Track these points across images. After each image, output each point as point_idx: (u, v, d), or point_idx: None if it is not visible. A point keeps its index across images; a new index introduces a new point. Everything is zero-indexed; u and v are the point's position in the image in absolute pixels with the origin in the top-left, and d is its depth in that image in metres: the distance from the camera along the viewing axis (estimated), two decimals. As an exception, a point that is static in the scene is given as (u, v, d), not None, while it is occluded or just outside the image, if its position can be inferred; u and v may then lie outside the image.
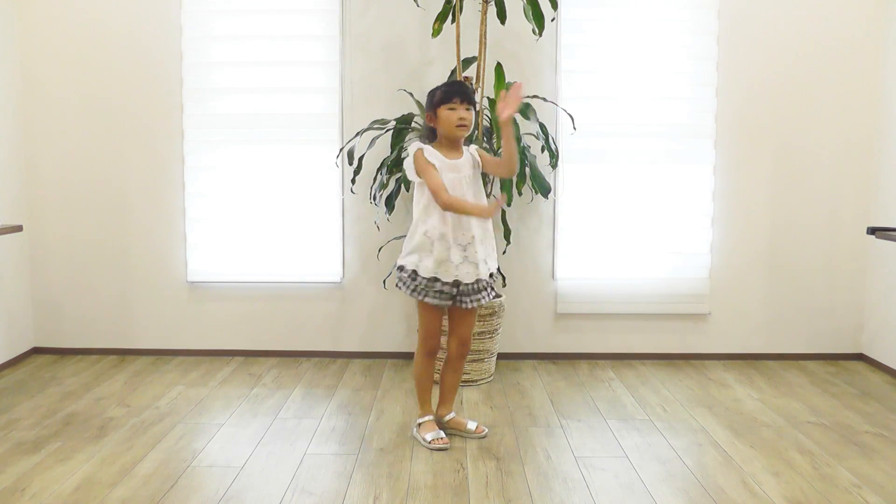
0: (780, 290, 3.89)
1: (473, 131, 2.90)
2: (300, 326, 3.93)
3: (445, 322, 2.84)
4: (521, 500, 2.31)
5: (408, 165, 2.68)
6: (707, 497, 2.33)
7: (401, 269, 2.70)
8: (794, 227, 3.87)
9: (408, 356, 3.89)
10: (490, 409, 3.14)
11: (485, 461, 2.59)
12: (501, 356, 3.79)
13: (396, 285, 2.74)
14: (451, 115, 2.61)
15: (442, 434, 2.73)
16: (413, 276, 2.65)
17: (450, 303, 2.69)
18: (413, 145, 2.70)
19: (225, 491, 2.36)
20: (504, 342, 3.80)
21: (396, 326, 3.92)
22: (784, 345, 3.91)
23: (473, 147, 2.75)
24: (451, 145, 2.67)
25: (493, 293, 2.75)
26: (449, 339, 2.82)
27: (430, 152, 2.64)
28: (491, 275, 2.73)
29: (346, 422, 2.99)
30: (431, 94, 2.69)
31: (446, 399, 2.86)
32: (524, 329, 3.90)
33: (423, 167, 2.61)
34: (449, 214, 2.59)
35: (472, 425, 2.83)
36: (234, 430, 2.88)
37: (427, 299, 2.65)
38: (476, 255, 2.63)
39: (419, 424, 2.79)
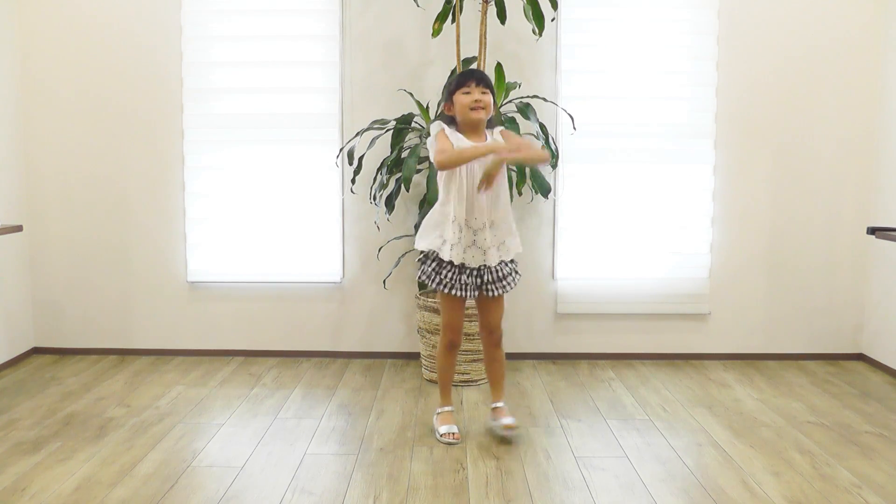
0: (780, 290, 3.89)
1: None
2: (300, 326, 3.93)
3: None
4: (521, 500, 2.31)
5: (430, 144, 2.67)
6: (707, 497, 2.33)
7: (422, 261, 2.73)
8: (794, 227, 3.87)
9: (408, 356, 3.89)
10: (490, 409, 3.13)
11: (485, 461, 2.59)
12: (501, 356, 3.78)
13: (420, 278, 2.75)
14: (465, 98, 2.61)
15: (455, 429, 2.77)
16: (437, 269, 2.67)
17: (475, 293, 2.71)
18: (435, 125, 2.69)
19: (225, 491, 2.36)
20: (504, 342, 3.79)
21: (396, 326, 3.92)
22: (784, 345, 3.91)
23: (499, 129, 2.72)
24: (472, 130, 2.66)
25: (518, 277, 2.77)
26: (479, 330, 2.87)
27: (451, 132, 2.65)
28: (511, 261, 2.74)
29: (346, 422, 2.99)
30: (449, 82, 2.72)
31: (494, 388, 2.89)
32: (524, 329, 3.90)
33: (438, 139, 2.62)
34: (465, 195, 2.60)
35: (505, 420, 2.78)
36: (234, 430, 2.88)
37: (453, 292, 2.67)
38: (485, 241, 2.64)
39: (438, 413, 2.85)
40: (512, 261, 2.75)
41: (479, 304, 2.80)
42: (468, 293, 2.69)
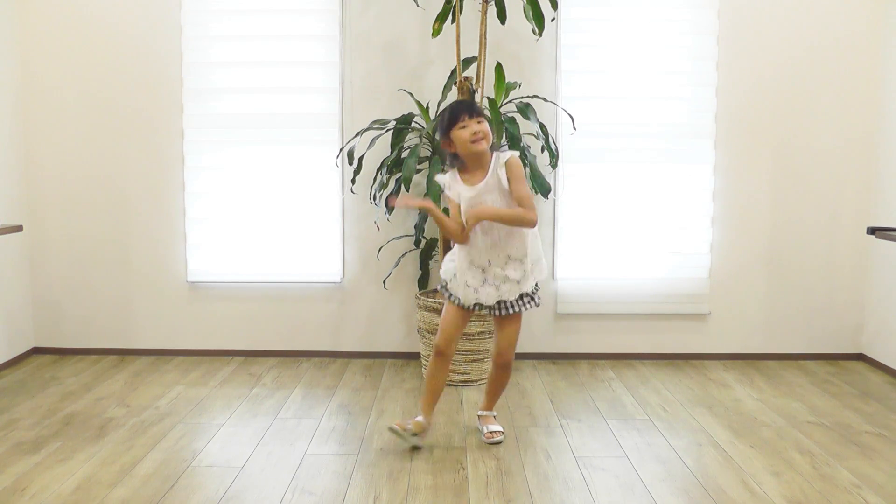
0: (780, 289, 3.89)
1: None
2: (300, 326, 3.93)
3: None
4: (521, 500, 2.31)
5: None
6: (707, 497, 2.33)
7: (443, 282, 2.76)
8: (794, 227, 3.87)
9: (408, 356, 3.89)
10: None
11: (485, 461, 2.59)
12: (501, 356, 3.78)
13: (438, 289, 2.84)
14: (463, 133, 2.56)
15: (409, 428, 2.63)
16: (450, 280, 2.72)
17: (473, 305, 2.68)
18: (438, 179, 2.74)
19: (225, 491, 2.36)
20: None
21: (396, 326, 3.92)
22: (784, 345, 3.91)
23: (506, 158, 2.59)
24: (475, 165, 2.62)
25: (532, 303, 2.70)
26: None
27: (450, 182, 2.66)
28: (528, 293, 2.69)
29: (346, 422, 2.99)
30: (441, 119, 2.65)
31: (486, 397, 2.86)
32: (524, 329, 3.81)
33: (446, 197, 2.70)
34: (472, 238, 2.62)
35: (490, 427, 2.78)
36: (234, 430, 2.88)
37: (451, 299, 2.69)
38: (496, 277, 2.63)
39: (413, 420, 2.69)
40: (527, 293, 2.69)
41: (494, 324, 2.77)
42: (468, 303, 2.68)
